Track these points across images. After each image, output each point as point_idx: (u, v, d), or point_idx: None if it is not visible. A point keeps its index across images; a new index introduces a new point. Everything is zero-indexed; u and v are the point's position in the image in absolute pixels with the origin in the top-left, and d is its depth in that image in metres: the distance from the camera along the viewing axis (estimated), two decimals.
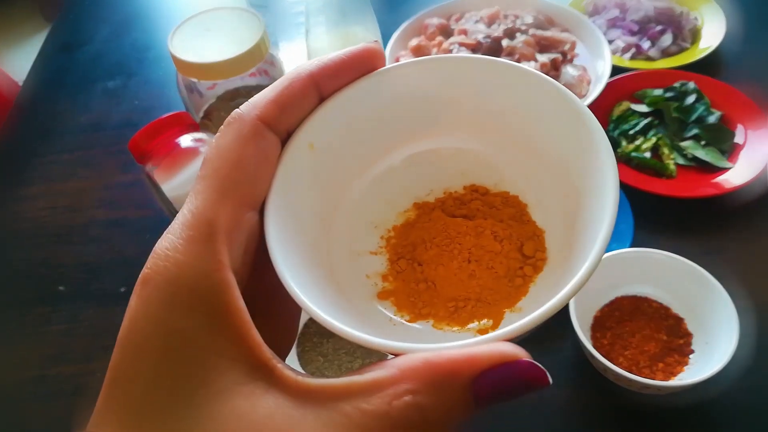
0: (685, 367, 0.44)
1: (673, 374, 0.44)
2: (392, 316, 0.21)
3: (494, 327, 0.20)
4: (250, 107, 0.19)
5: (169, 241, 0.17)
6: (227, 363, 0.16)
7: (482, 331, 0.20)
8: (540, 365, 0.16)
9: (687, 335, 0.46)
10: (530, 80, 0.21)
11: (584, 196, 0.20)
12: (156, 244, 0.17)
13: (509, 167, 0.23)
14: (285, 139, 0.21)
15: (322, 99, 0.21)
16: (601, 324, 0.47)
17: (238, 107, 0.20)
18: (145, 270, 0.17)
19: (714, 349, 0.43)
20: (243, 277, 0.19)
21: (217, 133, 0.19)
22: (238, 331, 0.16)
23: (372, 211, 0.23)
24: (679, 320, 0.47)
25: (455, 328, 0.20)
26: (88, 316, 0.55)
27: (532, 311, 0.17)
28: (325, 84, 0.21)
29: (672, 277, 0.47)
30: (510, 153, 0.23)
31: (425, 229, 0.23)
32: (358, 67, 0.21)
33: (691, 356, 0.45)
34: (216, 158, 0.18)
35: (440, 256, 0.22)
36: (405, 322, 0.21)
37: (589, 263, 0.17)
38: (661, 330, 0.46)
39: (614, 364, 0.42)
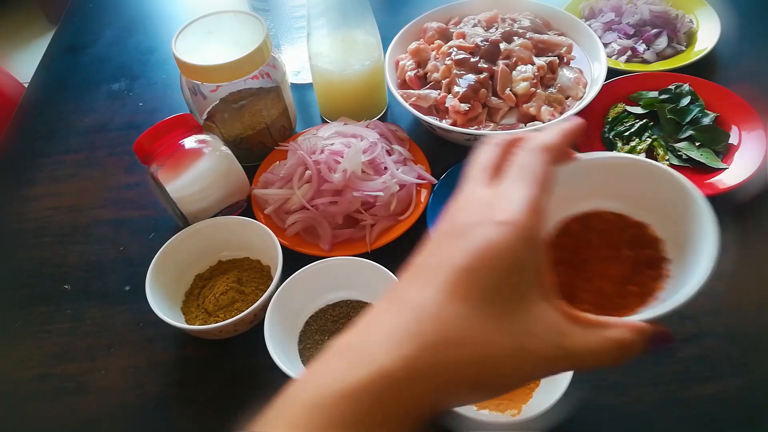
0: (665, 281, 0.33)
1: (652, 294, 0.32)
2: None
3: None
4: (554, 142, 0.29)
5: (516, 207, 0.26)
6: (537, 288, 0.26)
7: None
8: (674, 336, 0.28)
9: (655, 242, 0.35)
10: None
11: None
12: (499, 204, 0.26)
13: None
14: None
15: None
16: (552, 259, 0.35)
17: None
18: (500, 216, 0.25)
19: (691, 251, 0.32)
20: None
21: (527, 152, 0.28)
22: (544, 273, 0.26)
23: None
24: (641, 227, 0.35)
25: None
26: (91, 314, 0.56)
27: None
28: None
29: (619, 179, 0.36)
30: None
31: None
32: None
33: (668, 266, 0.34)
34: (538, 168, 0.28)
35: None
36: None
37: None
38: (623, 244, 0.35)
39: (580, 302, 0.33)
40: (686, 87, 0.64)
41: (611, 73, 0.65)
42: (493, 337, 0.24)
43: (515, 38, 0.65)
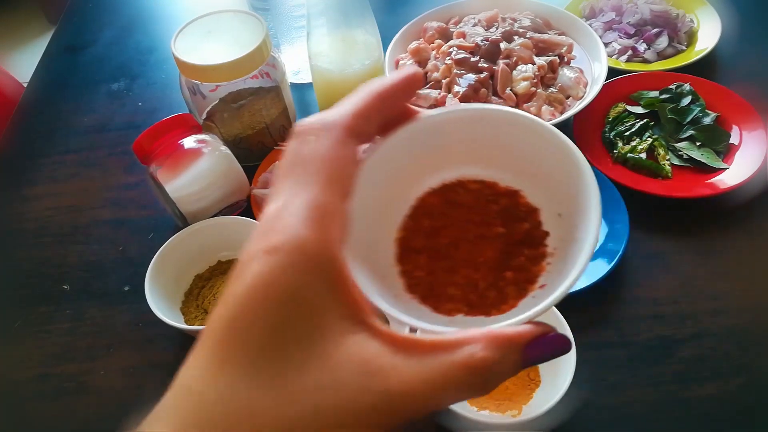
0: (547, 261, 0.26)
1: (533, 280, 0.25)
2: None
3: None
4: (338, 117, 0.23)
5: (291, 221, 0.20)
6: (338, 318, 0.19)
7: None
8: (566, 336, 0.21)
9: (531, 212, 0.27)
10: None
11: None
12: (275, 225, 0.20)
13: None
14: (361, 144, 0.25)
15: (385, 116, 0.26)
16: (408, 248, 0.27)
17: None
18: (271, 242, 0.19)
19: (570, 218, 0.25)
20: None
21: (311, 137, 0.22)
22: (347, 294, 0.20)
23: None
24: (512, 195, 0.28)
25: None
26: (91, 314, 0.56)
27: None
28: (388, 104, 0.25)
29: (479, 138, 0.28)
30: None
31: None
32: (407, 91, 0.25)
33: (547, 241, 0.26)
34: (317, 158, 0.21)
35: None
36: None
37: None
38: (493, 219, 0.27)
39: (447, 301, 0.25)
40: (687, 87, 0.64)
41: (612, 72, 0.65)
42: (271, 408, 0.18)
43: (515, 38, 0.65)
